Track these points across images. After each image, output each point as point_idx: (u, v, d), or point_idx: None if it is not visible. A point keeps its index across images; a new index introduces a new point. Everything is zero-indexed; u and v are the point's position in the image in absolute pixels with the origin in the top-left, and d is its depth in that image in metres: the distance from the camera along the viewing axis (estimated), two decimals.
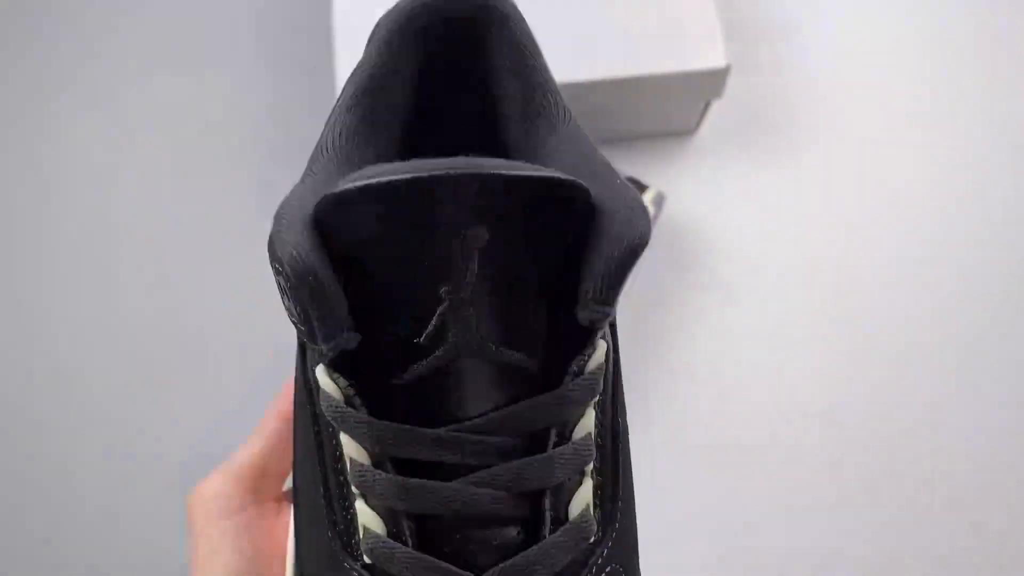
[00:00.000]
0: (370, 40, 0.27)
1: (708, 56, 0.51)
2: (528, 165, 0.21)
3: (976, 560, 0.53)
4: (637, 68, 0.51)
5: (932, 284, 0.58)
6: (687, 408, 0.56)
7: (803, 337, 0.57)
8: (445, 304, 0.21)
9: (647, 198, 0.55)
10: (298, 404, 0.26)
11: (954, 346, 0.56)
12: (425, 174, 0.20)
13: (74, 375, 0.57)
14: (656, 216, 0.55)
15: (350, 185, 0.20)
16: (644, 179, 0.57)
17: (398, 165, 0.20)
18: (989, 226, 0.59)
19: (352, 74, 0.26)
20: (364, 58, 0.26)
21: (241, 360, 0.57)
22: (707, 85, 0.53)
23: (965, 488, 0.54)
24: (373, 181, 0.20)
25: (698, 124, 0.60)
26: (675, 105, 0.57)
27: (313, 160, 0.25)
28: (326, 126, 0.26)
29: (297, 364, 0.26)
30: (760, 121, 0.61)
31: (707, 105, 0.57)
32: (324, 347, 0.21)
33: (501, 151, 0.27)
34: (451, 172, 0.20)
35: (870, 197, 0.59)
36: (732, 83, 0.54)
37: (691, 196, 0.59)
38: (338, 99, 0.26)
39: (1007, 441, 0.55)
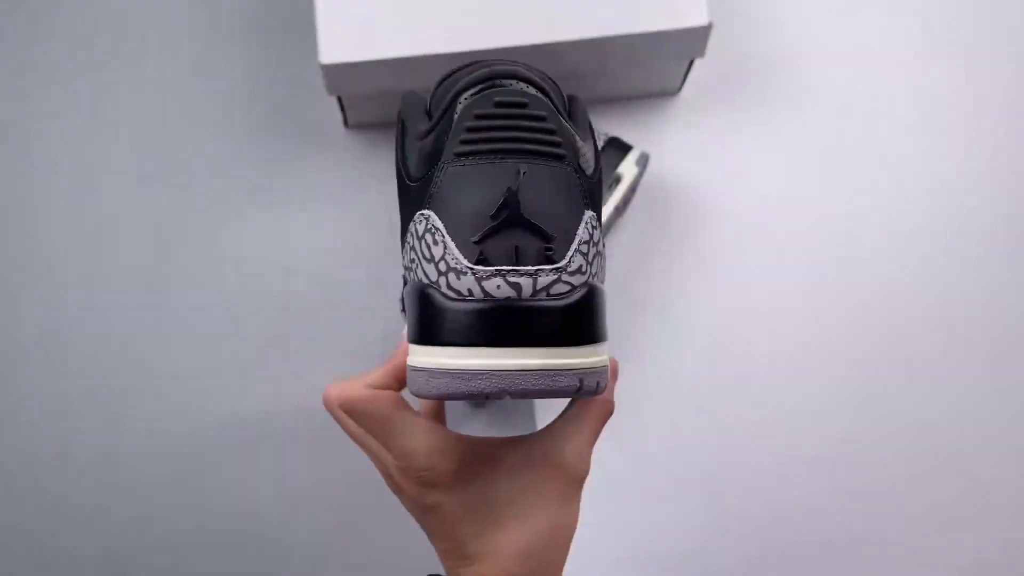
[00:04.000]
0: None
1: (690, 14, 0.51)
2: None
3: (966, 510, 0.54)
4: (619, 27, 0.50)
5: (919, 241, 0.58)
6: (673, 364, 0.56)
7: (788, 293, 0.57)
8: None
9: (631, 159, 0.54)
10: None
11: (941, 300, 0.57)
12: None
13: (67, 374, 0.57)
14: (640, 177, 0.55)
15: None
16: (627, 140, 0.57)
17: None
18: (978, 179, 0.59)
19: None
20: None
21: (231, 359, 0.57)
22: (690, 43, 0.53)
23: (953, 440, 0.55)
24: None
25: (681, 84, 0.59)
26: (658, 64, 0.57)
27: None
28: None
29: None
30: (743, 80, 0.61)
31: (690, 64, 0.57)
32: None
33: None
34: None
35: (854, 154, 0.59)
36: (715, 41, 0.54)
37: (675, 156, 0.59)
38: None
39: (996, 395, 0.56)
